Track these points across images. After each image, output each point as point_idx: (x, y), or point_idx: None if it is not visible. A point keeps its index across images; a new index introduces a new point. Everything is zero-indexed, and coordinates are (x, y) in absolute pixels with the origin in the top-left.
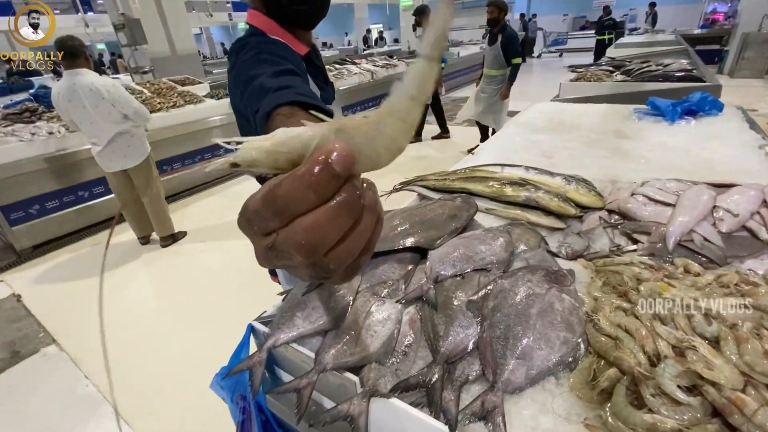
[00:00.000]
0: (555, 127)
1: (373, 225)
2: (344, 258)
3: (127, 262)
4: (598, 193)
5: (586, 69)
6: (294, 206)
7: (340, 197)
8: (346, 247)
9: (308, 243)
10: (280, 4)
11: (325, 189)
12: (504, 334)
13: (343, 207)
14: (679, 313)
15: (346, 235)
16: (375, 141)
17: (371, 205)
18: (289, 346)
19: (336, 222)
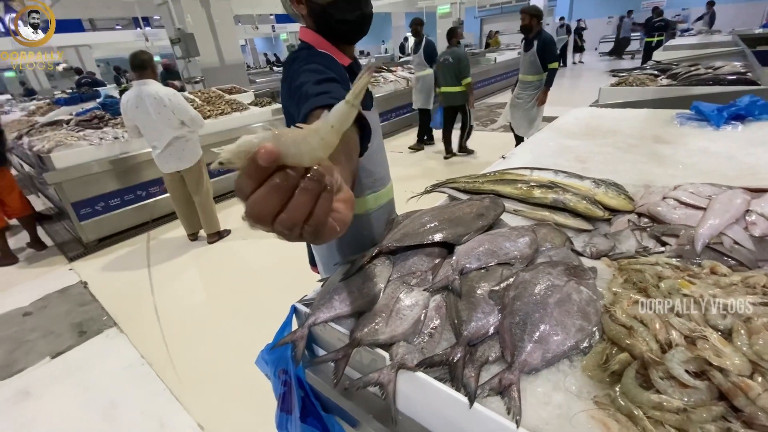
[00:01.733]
0: (591, 132)
1: (308, 201)
2: (288, 224)
3: (178, 256)
4: (629, 197)
5: (628, 73)
6: (243, 189)
7: (270, 181)
8: (287, 216)
9: (252, 214)
10: (328, 24)
11: (255, 176)
12: (523, 320)
13: (271, 188)
14: (695, 307)
15: (282, 208)
16: (300, 146)
17: (308, 187)
18: (327, 324)
19: (267, 198)
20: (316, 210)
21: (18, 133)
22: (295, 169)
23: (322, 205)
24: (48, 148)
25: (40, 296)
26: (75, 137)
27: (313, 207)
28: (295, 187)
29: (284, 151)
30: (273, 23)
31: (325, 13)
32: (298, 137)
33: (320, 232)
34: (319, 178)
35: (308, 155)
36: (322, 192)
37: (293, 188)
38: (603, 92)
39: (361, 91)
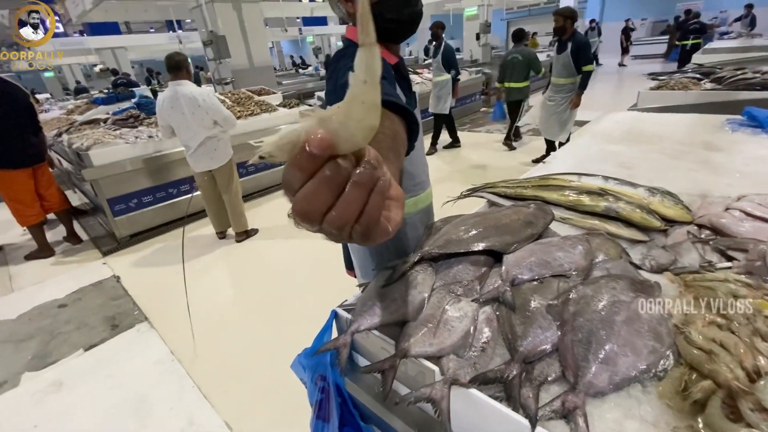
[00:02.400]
0: (634, 137)
1: (362, 196)
2: (338, 223)
3: (207, 254)
4: (686, 207)
5: (669, 77)
6: (291, 183)
7: (321, 173)
8: (338, 214)
9: (301, 211)
10: (377, 22)
11: (306, 167)
12: (586, 338)
13: (322, 181)
14: None
15: (333, 204)
16: (347, 125)
17: (361, 179)
18: (370, 332)
19: (317, 193)
20: (368, 206)
21: (58, 130)
22: (346, 159)
23: (375, 201)
24: (87, 146)
25: (75, 289)
26: (112, 135)
27: (365, 203)
28: (347, 180)
29: (335, 135)
30: (300, 26)
31: (375, 11)
32: (341, 115)
33: (371, 232)
34: (372, 170)
35: (359, 131)
36: (374, 186)
37: (345, 181)
38: (642, 96)
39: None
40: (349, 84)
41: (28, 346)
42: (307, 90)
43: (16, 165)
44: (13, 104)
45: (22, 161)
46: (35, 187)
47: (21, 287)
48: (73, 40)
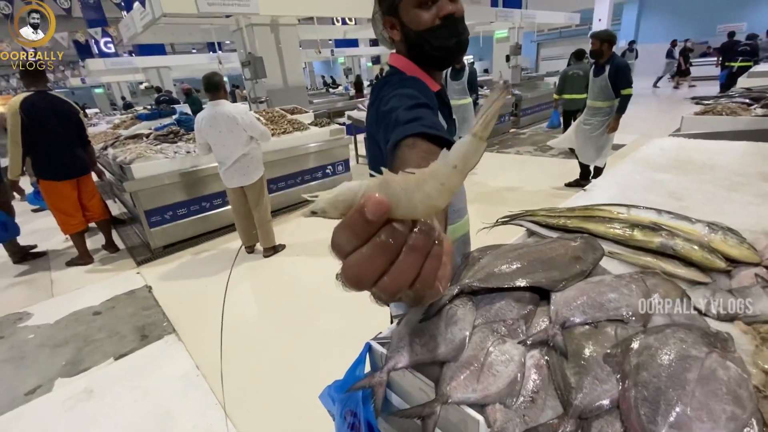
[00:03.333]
0: (682, 165)
1: (418, 263)
2: (391, 289)
3: (235, 268)
4: (751, 246)
5: (715, 101)
6: (343, 246)
7: (377, 238)
8: (391, 281)
9: (352, 276)
10: (423, 50)
11: (361, 231)
12: (653, 396)
13: (377, 247)
14: None
15: (386, 271)
16: (413, 195)
17: (417, 246)
18: (407, 371)
19: (371, 259)
20: (423, 271)
21: (104, 144)
22: (403, 224)
23: (431, 265)
24: (130, 159)
25: (110, 297)
26: (153, 150)
27: (420, 268)
28: (402, 245)
29: (395, 202)
30: (332, 47)
31: (422, 39)
32: (411, 184)
33: (425, 296)
34: (429, 234)
35: (423, 206)
36: (430, 250)
37: (401, 247)
38: (686, 121)
39: (493, 119)
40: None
41: (63, 351)
42: (336, 109)
43: (62, 177)
44: (65, 120)
45: (68, 173)
46: (79, 197)
47: (61, 292)
48: (123, 60)
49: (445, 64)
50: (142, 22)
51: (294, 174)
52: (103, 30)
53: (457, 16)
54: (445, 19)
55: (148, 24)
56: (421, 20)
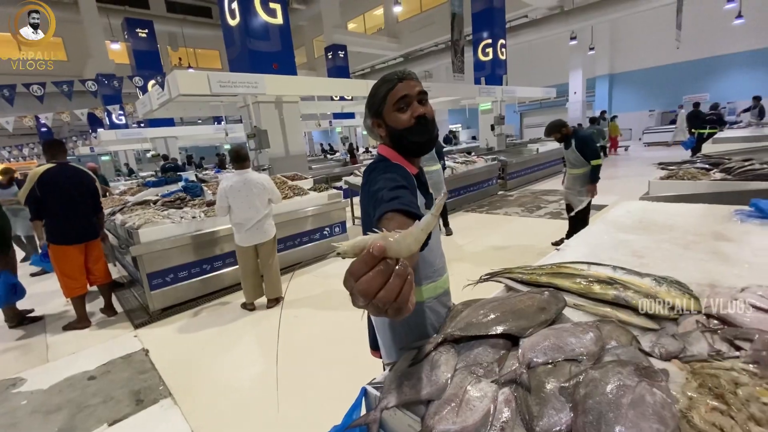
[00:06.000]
0: (646, 226)
1: (400, 284)
2: (385, 300)
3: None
4: (694, 296)
5: (678, 166)
6: (357, 272)
7: (377, 267)
8: (385, 294)
9: (363, 291)
10: (402, 143)
11: (369, 263)
12: (596, 419)
13: (379, 272)
14: None
15: (382, 287)
16: (401, 243)
17: (399, 272)
18: (397, 410)
19: (375, 279)
20: (403, 290)
21: (111, 209)
22: (392, 260)
23: (407, 288)
24: (138, 225)
25: (106, 361)
26: (160, 215)
27: (401, 288)
28: (391, 273)
29: (389, 247)
30: (331, 119)
31: (401, 135)
32: (400, 238)
33: (402, 309)
34: (407, 267)
35: (405, 250)
36: (407, 277)
37: (391, 274)
38: (653, 185)
39: (439, 208)
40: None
41: (56, 418)
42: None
43: (73, 241)
44: (82, 189)
45: (79, 238)
46: (85, 261)
47: (56, 357)
48: (133, 131)
49: (420, 154)
50: (158, 101)
51: (293, 236)
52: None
53: (428, 117)
54: (418, 118)
55: (164, 102)
56: (399, 121)
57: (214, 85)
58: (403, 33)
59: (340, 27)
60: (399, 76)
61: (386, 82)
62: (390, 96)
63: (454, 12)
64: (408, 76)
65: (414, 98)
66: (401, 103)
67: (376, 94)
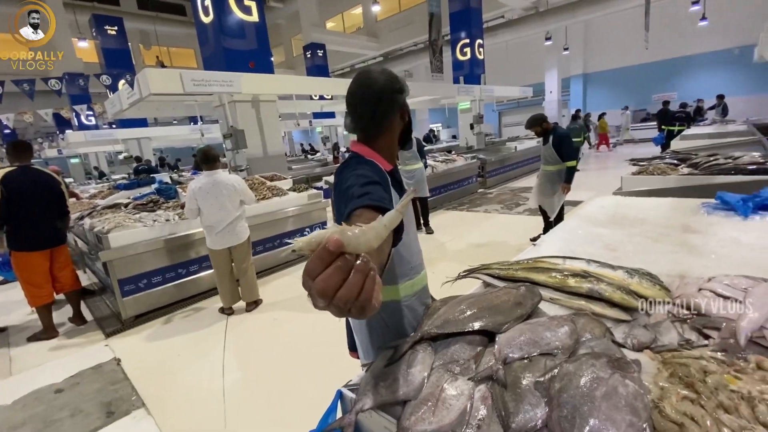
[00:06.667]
0: (618, 220)
1: (361, 280)
2: (345, 299)
3: (213, 331)
4: (664, 287)
5: (648, 162)
6: (314, 270)
7: (335, 264)
8: (344, 292)
9: (320, 290)
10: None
11: (325, 259)
12: (571, 413)
13: (337, 269)
14: (742, 403)
15: (341, 285)
16: (359, 238)
17: (360, 268)
18: (373, 411)
19: (333, 277)
20: (365, 288)
21: (80, 213)
22: (351, 256)
23: (369, 284)
24: (108, 229)
25: (74, 372)
26: (132, 219)
27: (363, 285)
28: (351, 269)
29: (347, 241)
30: (311, 119)
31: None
32: (359, 232)
33: (366, 307)
34: (368, 263)
35: (364, 245)
36: (369, 273)
37: (350, 270)
38: (625, 180)
39: (406, 205)
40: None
41: None
42: (315, 174)
43: (36, 247)
44: (47, 193)
45: (43, 244)
46: (51, 267)
47: (20, 370)
48: (103, 132)
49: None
50: (128, 101)
51: (273, 237)
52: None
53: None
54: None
55: (134, 102)
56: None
57: (187, 84)
58: (383, 32)
59: (319, 26)
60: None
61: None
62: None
63: (431, 12)
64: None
65: None
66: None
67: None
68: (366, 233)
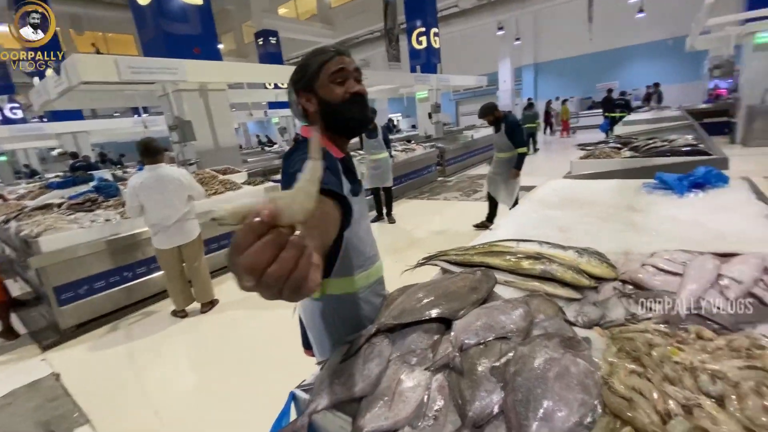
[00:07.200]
0: (569, 203)
1: (295, 256)
2: (276, 276)
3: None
4: (611, 265)
5: (595, 147)
6: (242, 243)
7: (267, 236)
8: (276, 269)
9: (248, 265)
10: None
11: (255, 231)
12: (525, 397)
13: (268, 242)
14: (686, 374)
15: (274, 261)
16: (293, 204)
17: (295, 243)
18: (328, 411)
19: (263, 251)
20: (299, 265)
21: (5, 217)
22: (285, 228)
23: (305, 262)
24: (36, 233)
25: (5, 392)
26: (65, 221)
27: (297, 262)
28: (284, 243)
29: (281, 210)
30: (266, 109)
31: (337, 111)
32: (288, 197)
33: (301, 288)
34: (303, 237)
35: (299, 210)
36: (304, 250)
37: (283, 244)
38: (574, 164)
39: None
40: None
41: None
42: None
43: None
44: None
45: None
46: None
47: None
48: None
49: (353, 134)
50: (56, 90)
51: (227, 234)
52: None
53: (364, 95)
54: (354, 95)
55: (63, 91)
56: (335, 94)
57: (124, 72)
58: (338, 19)
59: (270, 11)
60: (336, 49)
61: (322, 53)
62: (326, 67)
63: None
64: (345, 51)
65: (351, 74)
66: (338, 76)
67: (309, 64)
68: (296, 196)
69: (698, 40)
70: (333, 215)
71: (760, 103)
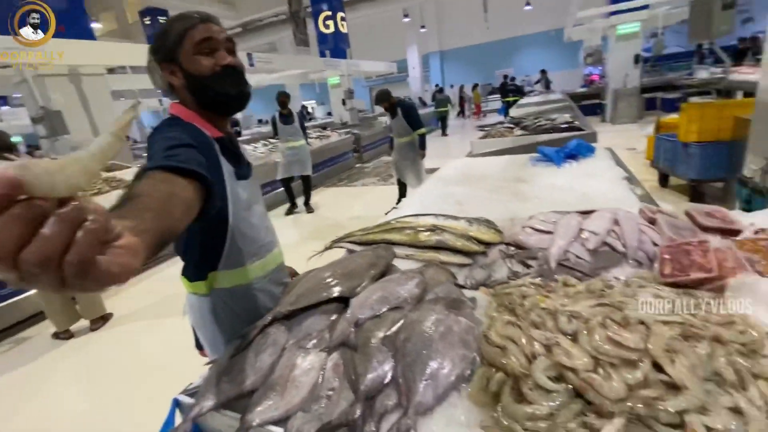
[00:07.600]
0: (467, 179)
1: (65, 232)
2: (37, 257)
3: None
4: (498, 230)
5: (492, 127)
6: None
7: (12, 210)
8: (36, 248)
9: None
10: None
11: None
12: (414, 360)
13: (14, 216)
14: (548, 318)
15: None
16: (55, 176)
17: (64, 216)
18: (215, 412)
19: (9, 227)
20: (77, 242)
21: None
22: (47, 201)
23: (84, 240)
24: None
25: None
26: None
27: (69, 240)
28: (43, 218)
29: (31, 180)
30: (160, 97)
31: (206, 85)
32: (52, 167)
33: (87, 271)
34: (77, 210)
35: (64, 183)
36: (80, 224)
37: (43, 218)
38: (474, 144)
39: (126, 125)
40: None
41: None
42: None
43: None
44: None
45: None
46: None
47: None
48: None
49: (228, 111)
50: None
51: None
52: None
53: (238, 68)
54: (225, 67)
55: None
56: (202, 66)
57: None
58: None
59: None
60: (201, 16)
61: (184, 19)
62: (189, 35)
63: None
64: (213, 18)
65: (221, 45)
66: (204, 47)
67: (169, 32)
68: (66, 167)
69: (573, 31)
70: (183, 196)
71: (622, 87)
